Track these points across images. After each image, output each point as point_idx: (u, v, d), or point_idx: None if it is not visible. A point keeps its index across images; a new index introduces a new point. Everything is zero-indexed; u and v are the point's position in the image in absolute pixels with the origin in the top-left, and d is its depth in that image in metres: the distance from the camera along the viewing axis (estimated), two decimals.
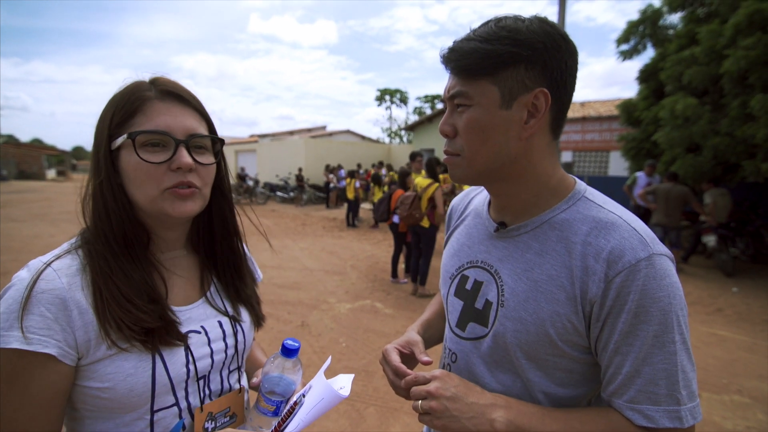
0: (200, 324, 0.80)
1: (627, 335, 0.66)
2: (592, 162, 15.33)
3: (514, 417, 0.69)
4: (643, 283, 0.65)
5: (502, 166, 0.76)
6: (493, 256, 0.84)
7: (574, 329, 0.71)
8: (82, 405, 0.71)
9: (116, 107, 0.73)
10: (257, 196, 17.93)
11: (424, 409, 0.71)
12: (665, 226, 6.81)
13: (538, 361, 0.75)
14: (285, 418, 0.72)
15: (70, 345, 0.66)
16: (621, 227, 0.70)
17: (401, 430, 2.73)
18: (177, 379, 0.74)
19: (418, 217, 5.34)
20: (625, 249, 0.67)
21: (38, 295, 0.64)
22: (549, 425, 0.69)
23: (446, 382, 0.72)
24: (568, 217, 0.76)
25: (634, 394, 0.67)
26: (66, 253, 0.72)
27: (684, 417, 0.65)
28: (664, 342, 0.65)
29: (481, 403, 0.70)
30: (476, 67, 0.72)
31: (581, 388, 0.76)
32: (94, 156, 0.74)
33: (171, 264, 0.82)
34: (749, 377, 3.52)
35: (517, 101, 0.72)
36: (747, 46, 6.09)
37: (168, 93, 0.75)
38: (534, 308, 0.74)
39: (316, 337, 4.18)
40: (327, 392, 0.72)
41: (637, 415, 0.66)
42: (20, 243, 8.12)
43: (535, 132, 0.74)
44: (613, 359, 0.68)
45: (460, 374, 0.84)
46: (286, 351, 0.78)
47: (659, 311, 0.65)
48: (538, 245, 0.77)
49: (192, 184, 0.75)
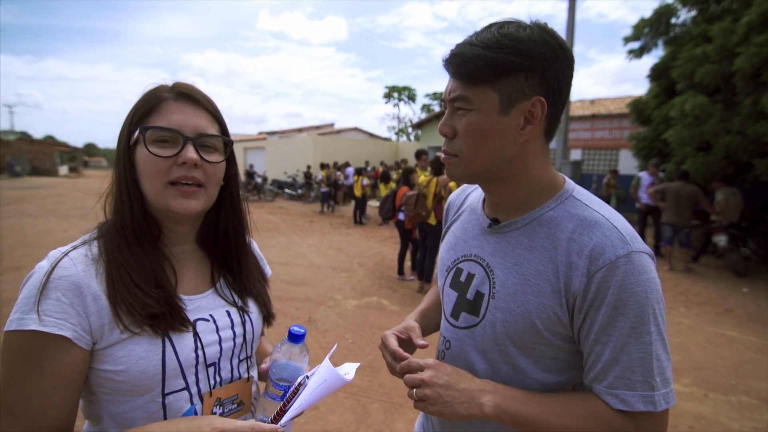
0: (209, 313, 0.84)
1: (606, 326, 0.71)
2: (602, 160, 15.19)
3: (501, 401, 0.74)
4: (621, 279, 0.70)
5: (497, 168, 0.80)
6: (486, 250, 0.88)
7: (559, 320, 0.76)
8: (99, 388, 0.74)
9: (137, 107, 0.79)
10: (265, 193, 18.03)
11: (418, 396, 0.76)
12: (675, 224, 6.75)
13: (526, 349, 0.80)
14: (289, 398, 0.75)
15: (85, 329, 0.69)
16: (603, 225, 0.74)
17: (406, 425, 2.75)
18: (186, 363, 0.77)
19: (424, 215, 5.35)
20: (606, 246, 0.72)
21: (55, 281, 0.69)
22: (532, 408, 0.74)
23: (439, 371, 0.77)
24: (555, 215, 0.80)
25: (612, 380, 0.72)
26: (83, 244, 0.77)
27: (657, 401, 0.70)
28: (641, 333, 0.70)
29: (471, 388, 0.75)
30: (478, 74, 0.75)
31: (566, 374, 0.81)
32: (117, 151, 0.80)
33: (181, 257, 0.86)
34: (758, 379, 3.49)
35: (515, 108, 0.75)
36: (760, 44, 6.00)
37: (183, 94, 0.80)
38: (522, 300, 0.79)
39: (323, 333, 4.22)
40: (330, 374, 0.75)
41: (615, 399, 0.71)
42: (34, 238, 8.27)
43: (530, 137, 0.78)
44: (593, 348, 0.74)
45: (454, 360, 0.89)
46: (293, 337, 0.81)
47: (636, 304, 0.69)
48: (528, 241, 0.81)
49: (196, 181, 0.78)
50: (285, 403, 0.75)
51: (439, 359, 0.93)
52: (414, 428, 1.12)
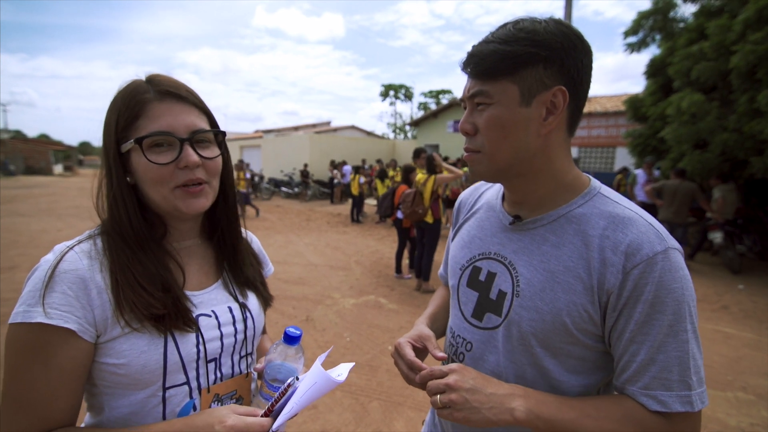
0: (211, 308, 0.84)
1: (643, 325, 0.69)
2: (598, 158, 15.24)
3: (533, 405, 0.71)
4: (659, 275, 0.68)
5: (521, 162, 0.79)
6: (507, 248, 0.86)
7: (590, 318, 0.74)
8: (101, 381, 0.75)
9: (119, 112, 0.76)
10: (262, 191, 17.96)
11: (443, 403, 0.71)
12: (672, 222, 6.77)
13: (553, 349, 0.78)
14: (278, 398, 0.74)
15: (90, 322, 0.70)
16: (638, 222, 0.73)
17: (405, 424, 2.75)
18: (187, 358, 0.77)
19: (421, 213, 5.34)
20: (643, 242, 0.70)
21: (61, 274, 0.69)
22: (566, 413, 0.71)
23: (464, 375, 0.73)
24: (585, 211, 0.79)
25: (648, 381, 0.70)
26: (88, 238, 0.77)
27: (694, 401, 0.68)
28: (678, 331, 0.68)
29: (500, 393, 0.72)
30: (496, 68, 0.74)
31: (593, 376, 0.79)
32: (105, 158, 0.78)
33: (186, 252, 0.87)
34: (754, 374, 3.51)
35: (536, 99, 0.75)
36: (756, 41, 6.02)
37: (166, 93, 0.77)
38: (551, 298, 0.76)
39: (321, 331, 4.20)
40: (321, 377, 0.73)
41: (651, 400, 0.69)
42: (28, 237, 8.21)
43: (553, 129, 0.77)
44: (628, 348, 0.71)
45: (475, 363, 0.86)
46: (288, 338, 0.80)
47: (674, 302, 0.68)
48: (555, 238, 0.79)
49: (201, 180, 0.79)
50: (274, 403, 0.74)
51: (458, 362, 0.89)
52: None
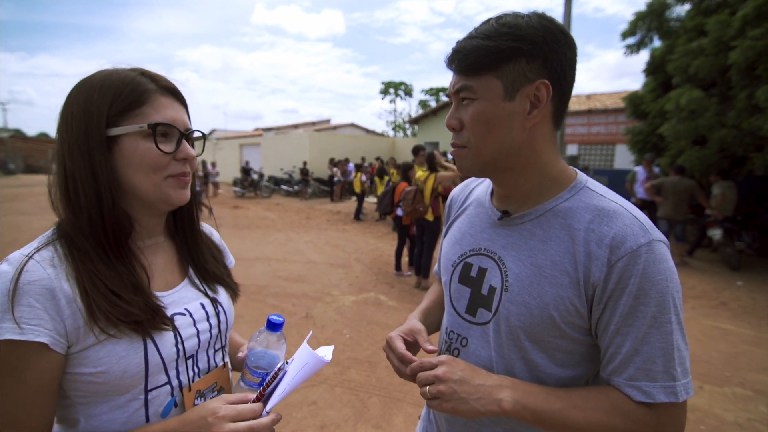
0: (184, 307, 0.83)
1: (627, 317, 0.70)
2: (598, 155, 15.23)
3: (521, 396, 0.72)
4: (643, 268, 0.69)
5: (507, 156, 0.80)
6: (496, 243, 0.87)
7: (576, 311, 0.75)
8: (74, 392, 0.72)
9: (114, 95, 0.73)
10: (262, 189, 17.98)
11: (432, 394, 0.73)
12: (671, 219, 6.78)
13: (541, 343, 0.79)
14: (269, 383, 0.76)
15: (60, 334, 0.67)
16: (623, 215, 0.74)
17: (404, 420, 2.77)
18: (168, 358, 0.77)
19: (422, 210, 5.36)
20: (627, 235, 0.71)
21: (25, 286, 0.65)
22: (553, 403, 0.72)
23: (453, 367, 0.75)
24: (571, 205, 0.79)
25: (633, 372, 0.71)
26: (46, 245, 0.73)
27: (679, 392, 0.69)
28: (662, 322, 0.69)
29: (488, 384, 0.73)
30: (480, 63, 0.75)
31: (580, 368, 0.80)
32: (81, 143, 0.72)
33: (151, 251, 0.85)
34: (752, 370, 3.53)
35: (519, 93, 0.75)
36: (755, 37, 6.00)
37: (167, 89, 0.79)
38: (538, 292, 0.77)
39: (320, 329, 4.22)
40: (311, 358, 0.76)
41: (636, 391, 0.70)
42: (29, 235, 8.14)
43: (537, 122, 0.78)
44: (613, 339, 0.72)
45: (470, 357, 0.87)
46: (271, 325, 0.81)
47: (657, 294, 0.69)
48: (542, 232, 0.80)
49: (188, 174, 0.81)
50: (265, 387, 0.75)
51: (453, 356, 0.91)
52: (416, 430, 1.10)
